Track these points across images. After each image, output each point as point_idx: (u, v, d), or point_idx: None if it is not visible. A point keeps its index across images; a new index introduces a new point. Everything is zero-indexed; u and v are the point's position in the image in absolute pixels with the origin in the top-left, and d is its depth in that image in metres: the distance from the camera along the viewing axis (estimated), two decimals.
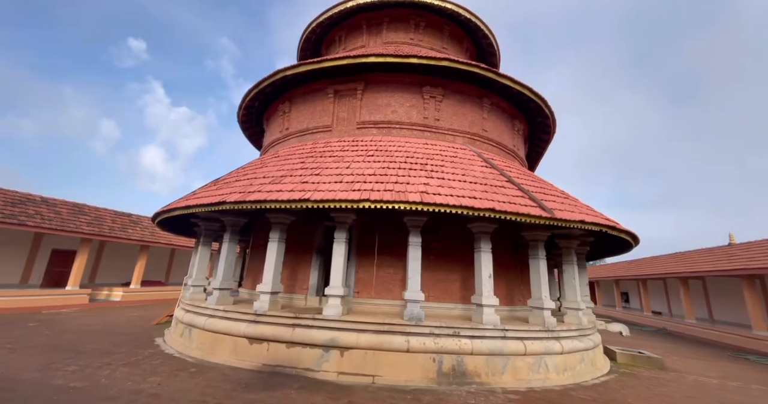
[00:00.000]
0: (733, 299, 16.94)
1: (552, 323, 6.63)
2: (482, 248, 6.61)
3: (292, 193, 6.03)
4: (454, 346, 5.81)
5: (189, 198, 7.34)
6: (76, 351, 6.79)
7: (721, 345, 14.10)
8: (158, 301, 18.36)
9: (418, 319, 5.97)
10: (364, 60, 8.58)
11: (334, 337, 5.90)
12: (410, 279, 6.28)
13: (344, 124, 9.43)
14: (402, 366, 5.66)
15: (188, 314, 7.65)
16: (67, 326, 9.83)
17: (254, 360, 6.14)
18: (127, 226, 18.22)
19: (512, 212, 5.56)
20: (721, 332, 15.18)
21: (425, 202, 5.46)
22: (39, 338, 8.03)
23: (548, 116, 11.22)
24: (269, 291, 6.67)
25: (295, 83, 10.07)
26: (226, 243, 7.67)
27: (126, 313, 13.27)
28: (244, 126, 12.87)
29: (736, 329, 14.82)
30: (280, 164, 7.78)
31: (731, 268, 14.44)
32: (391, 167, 6.88)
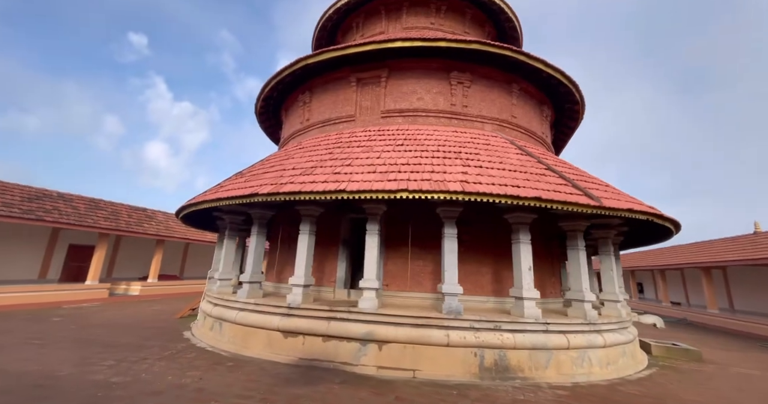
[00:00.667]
0: (756, 288, 16.64)
1: (594, 316, 6.45)
2: (521, 239, 6.42)
3: (325, 184, 5.88)
4: (496, 340, 5.67)
5: (217, 191, 7.25)
6: (108, 346, 6.81)
7: (748, 336, 13.89)
8: (175, 295, 18.59)
9: (457, 313, 5.84)
10: (390, 45, 8.32)
11: (371, 331, 5.80)
12: (447, 272, 6.13)
13: (368, 113, 9.21)
14: (442, 361, 5.55)
15: (217, 308, 7.63)
16: (91, 320, 9.93)
17: (290, 353, 6.09)
18: (143, 221, 18.37)
19: (560, 200, 5.35)
20: (746, 322, 14.89)
21: (467, 191, 5.26)
22: (66, 332, 8.10)
23: (578, 101, 10.86)
24: (302, 284, 6.60)
25: (315, 72, 9.85)
26: (254, 236, 7.59)
27: (147, 307, 13.42)
28: (261, 118, 12.73)
29: (762, 319, 14.52)
30: (308, 155, 7.63)
31: (760, 257, 14.06)
32: (424, 156, 6.68)
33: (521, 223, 6.52)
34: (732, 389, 6.05)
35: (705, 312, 17.86)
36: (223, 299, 7.61)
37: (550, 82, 10.06)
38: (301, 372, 5.48)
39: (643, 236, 9.74)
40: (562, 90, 10.52)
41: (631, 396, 5.15)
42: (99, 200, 17.69)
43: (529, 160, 7.04)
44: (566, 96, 10.80)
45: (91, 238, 16.59)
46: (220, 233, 9.90)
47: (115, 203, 18.35)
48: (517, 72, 9.57)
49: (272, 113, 12.71)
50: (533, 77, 9.83)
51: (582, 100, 10.86)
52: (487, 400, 4.60)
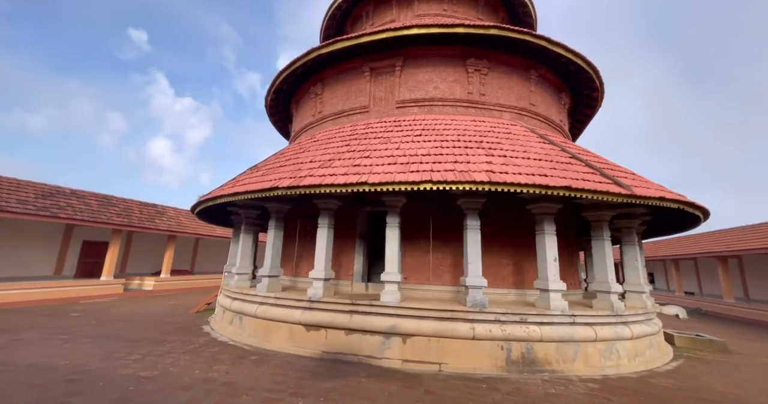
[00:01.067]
0: None
1: (620, 307, 6.34)
2: (546, 230, 6.30)
3: (346, 176, 5.80)
4: (522, 333, 5.60)
5: (234, 185, 7.21)
6: (130, 340, 6.88)
7: (766, 325, 13.65)
8: (187, 290, 18.81)
9: (482, 305, 5.77)
10: (406, 32, 8.12)
11: (395, 324, 5.76)
12: (470, 264, 6.05)
13: (382, 104, 9.06)
14: (468, 354, 5.51)
15: (236, 302, 7.66)
16: (110, 315, 10.07)
17: (313, 347, 6.09)
18: (155, 216, 18.52)
19: (590, 189, 5.21)
20: (765, 311, 14.72)
21: (494, 181, 5.14)
22: (87, 327, 8.21)
23: (597, 87, 10.58)
24: (322, 278, 6.58)
25: (327, 63, 9.69)
26: (272, 230, 7.57)
27: (162, 302, 13.58)
28: (271, 112, 12.63)
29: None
30: (323, 148, 7.54)
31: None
32: (445, 146, 6.55)
33: (546, 213, 6.39)
34: (765, 380, 5.94)
35: (721, 301, 17.73)
36: (242, 293, 7.64)
37: (569, 68, 9.79)
38: (326, 365, 5.48)
39: (664, 225, 9.55)
40: (580, 76, 10.25)
41: (665, 389, 5.06)
42: (111, 196, 17.85)
43: (553, 148, 6.87)
44: (585, 82, 10.52)
45: (103, 234, 16.78)
46: (236, 228, 9.92)
47: (127, 200, 18.52)
48: (535, 58, 9.31)
49: (282, 106, 12.60)
50: (552, 63, 9.58)
51: (602, 86, 10.57)
52: (518, 394, 4.55)
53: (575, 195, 5.27)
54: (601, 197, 5.34)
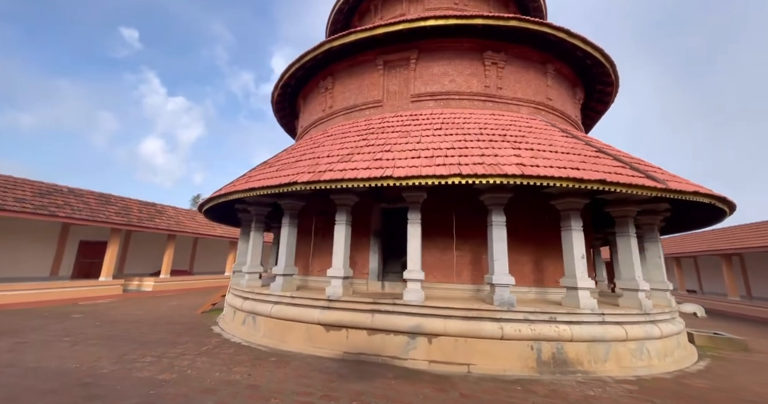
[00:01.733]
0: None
1: (649, 305, 6.21)
2: (573, 226, 6.16)
3: (369, 171, 5.62)
4: (552, 333, 5.45)
5: (247, 181, 7.01)
6: (140, 342, 6.66)
7: None
8: (187, 290, 18.53)
9: (509, 304, 5.62)
10: (423, 23, 7.96)
11: (420, 324, 5.60)
12: (496, 262, 5.90)
13: (396, 98, 8.89)
14: (497, 355, 5.35)
15: (248, 301, 7.46)
16: (113, 316, 9.82)
17: (333, 348, 5.91)
18: (154, 216, 18.21)
19: (625, 183, 5.06)
20: None
21: (526, 175, 4.99)
22: (92, 329, 7.98)
23: (612, 82, 10.48)
24: (341, 276, 6.40)
25: (339, 56, 9.50)
26: (285, 227, 7.37)
27: (163, 302, 13.32)
28: (277, 107, 12.42)
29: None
30: (339, 143, 7.36)
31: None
32: (469, 140, 6.40)
33: (572, 209, 6.25)
34: None
35: (725, 299, 17.72)
36: (254, 292, 7.44)
37: (585, 62, 9.68)
38: (349, 366, 5.30)
39: (680, 221, 9.45)
40: (596, 71, 10.14)
41: (703, 390, 4.93)
42: (109, 195, 17.52)
43: (577, 143, 6.73)
44: (600, 77, 10.41)
45: (101, 234, 16.49)
46: (244, 226, 9.71)
47: (126, 198, 18.20)
48: (552, 51, 9.19)
49: (288, 101, 12.40)
50: (568, 57, 9.46)
51: (617, 81, 10.47)
52: (556, 396, 4.40)
53: (608, 189, 5.12)
54: (635, 191, 5.20)
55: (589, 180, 5.00)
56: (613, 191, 5.18)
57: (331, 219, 8.40)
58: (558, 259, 7.76)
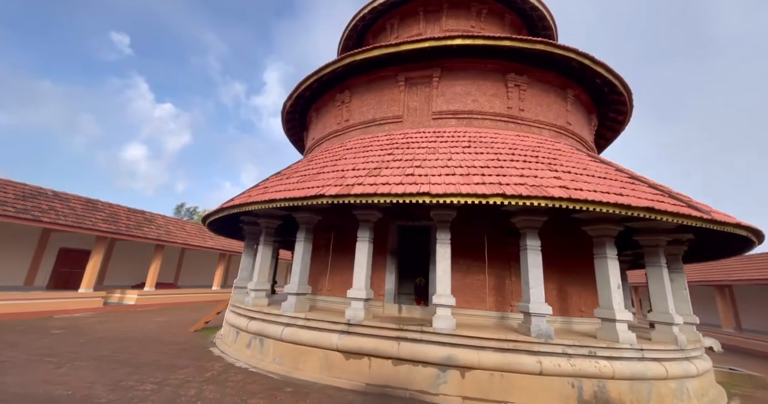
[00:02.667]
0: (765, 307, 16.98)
1: (684, 341, 5.97)
2: (608, 254, 5.96)
3: (402, 186, 5.37)
4: (593, 369, 5.13)
5: (265, 192, 6.67)
6: (134, 365, 6.05)
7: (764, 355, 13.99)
8: (173, 305, 17.58)
9: (547, 336, 5.30)
10: (450, 42, 7.97)
11: (452, 355, 5.21)
12: (532, 289, 5.61)
13: (416, 114, 8.79)
14: (535, 392, 4.98)
15: (254, 322, 6.94)
16: (97, 333, 9.07)
17: (353, 378, 5.44)
18: (143, 224, 17.45)
19: (673, 212, 4.92)
20: None
21: (573, 198, 4.81)
22: (77, 348, 7.29)
23: (625, 111, 10.67)
24: (363, 298, 6.01)
25: (358, 70, 9.44)
26: (301, 243, 6.99)
27: (150, 318, 12.49)
28: (288, 118, 12.21)
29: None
30: (362, 156, 7.14)
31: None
32: (502, 159, 6.24)
33: (606, 236, 6.07)
34: None
35: (719, 330, 17.74)
36: (261, 312, 6.94)
37: (602, 89, 9.85)
38: (374, 401, 4.84)
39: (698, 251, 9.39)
40: (610, 98, 10.31)
41: None
42: (96, 200, 16.76)
43: (608, 168, 6.66)
44: (614, 105, 10.59)
45: (84, 241, 15.64)
46: (249, 240, 9.24)
47: (113, 205, 17.42)
48: (572, 77, 9.32)
49: (298, 113, 12.22)
50: (586, 83, 9.60)
51: (631, 110, 10.66)
52: None
53: (655, 217, 4.96)
54: (680, 221, 5.06)
55: (636, 207, 4.84)
56: (654, 219, 5.03)
57: (343, 235, 8.09)
58: (581, 287, 7.56)
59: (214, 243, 20.93)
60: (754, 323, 17.62)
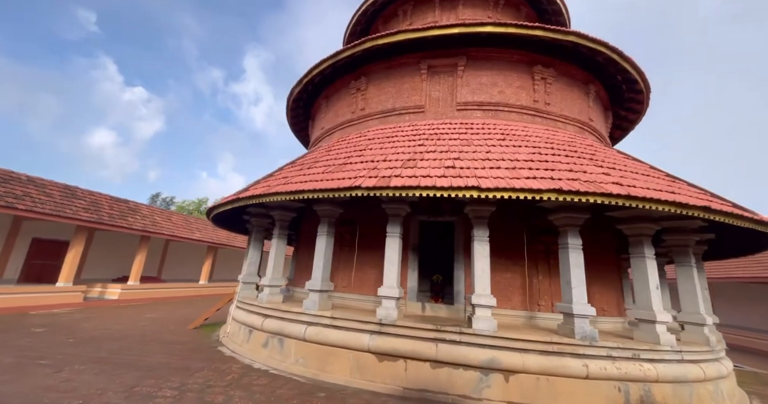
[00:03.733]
0: (743, 303, 17.34)
1: (713, 341, 5.98)
2: (646, 253, 5.86)
3: (446, 179, 5.08)
4: (638, 372, 5.03)
5: (287, 182, 6.23)
6: (142, 367, 5.57)
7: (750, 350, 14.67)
8: (158, 300, 16.79)
9: (592, 339, 5.16)
10: (480, 29, 7.67)
11: (494, 357, 5.00)
12: (575, 289, 5.46)
13: (439, 104, 8.48)
14: (582, 396, 4.84)
15: (271, 320, 6.55)
16: (86, 331, 8.45)
17: (388, 381, 5.16)
18: (127, 213, 16.50)
19: (727, 212, 4.83)
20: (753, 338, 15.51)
21: (631, 196, 4.62)
22: (70, 348, 6.71)
23: (640, 110, 10.69)
24: (395, 296, 5.71)
25: (376, 56, 9.01)
26: (323, 237, 6.61)
27: (137, 314, 11.80)
28: (294, 105, 11.64)
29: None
30: (390, 147, 6.79)
31: None
32: (543, 153, 6.03)
33: (643, 235, 5.97)
34: None
35: None
36: (279, 310, 6.55)
37: (621, 86, 9.80)
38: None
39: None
40: (626, 96, 10.30)
41: None
42: (75, 188, 15.68)
43: (642, 165, 6.57)
44: (627, 103, 10.58)
45: (59, 231, 14.68)
46: (256, 233, 8.75)
47: (94, 193, 16.37)
48: (594, 72, 9.21)
49: (307, 100, 11.67)
50: (607, 79, 9.51)
51: (645, 109, 10.69)
52: None
53: (711, 217, 4.86)
54: (730, 221, 4.98)
55: (694, 207, 4.72)
56: (692, 217, 4.93)
57: (363, 230, 7.73)
58: (602, 286, 7.52)
59: (202, 235, 20.13)
60: (730, 318, 18.21)
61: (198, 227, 20.94)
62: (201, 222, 22.27)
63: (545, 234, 6.85)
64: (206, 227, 21.89)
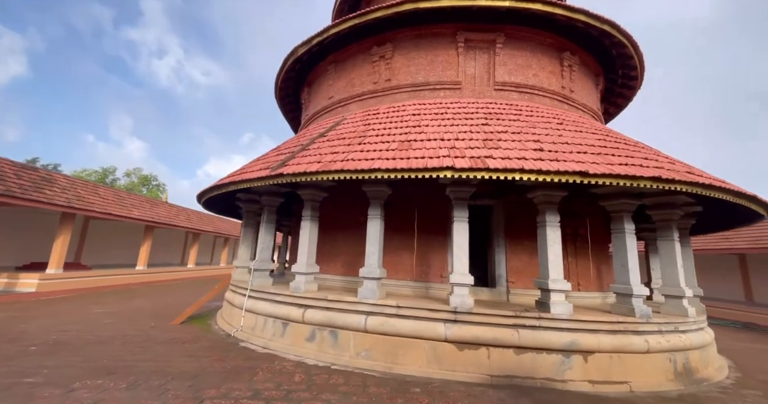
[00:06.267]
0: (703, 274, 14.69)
1: (693, 312, 6.93)
2: (674, 236, 6.62)
3: (557, 163, 5.01)
4: (681, 343, 5.75)
5: (348, 160, 5.58)
6: (182, 375, 4.71)
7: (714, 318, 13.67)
8: (85, 291, 14.29)
9: (647, 316, 5.71)
10: (529, 5, 7.52)
11: (574, 340, 5.26)
12: (631, 272, 5.94)
13: (474, 82, 8.28)
14: (646, 369, 5.38)
15: (313, 311, 6.08)
16: (37, 335, 6.91)
17: (471, 370, 5.14)
18: (42, 185, 13.54)
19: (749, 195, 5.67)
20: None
21: (716, 186, 5.12)
22: (44, 359, 5.42)
23: (624, 106, 11.81)
24: (468, 283, 5.61)
25: (405, 22, 8.38)
26: (376, 220, 6.16)
27: (79, 310, 9.95)
28: (290, 67, 10.34)
29: None
30: (451, 124, 6.52)
31: None
32: (608, 140, 6.29)
33: (671, 219, 6.71)
34: None
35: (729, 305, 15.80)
36: (326, 299, 6.02)
37: (616, 81, 10.65)
38: (515, 394, 4.65)
39: None
40: (617, 91, 11.27)
41: None
42: None
43: (658, 152, 7.25)
44: (614, 98, 11.59)
45: None
46: (269, 215, 7.80)
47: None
48: (605, 65, 9.83)
49: (305, 63, 10.42)
50: (611, 73, 10.24)
51: (628, 103, 11.82)
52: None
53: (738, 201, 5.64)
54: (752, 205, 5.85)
55: (746, 194, 5.41)
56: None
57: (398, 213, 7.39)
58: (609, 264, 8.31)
59: (141, 213, 17.52)
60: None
61: (133, 203, 18.14)
62: (135, 198, 19.34)
63: (570, 217, 7.28)
64: (143, 203, 19.06)
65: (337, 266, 7.92)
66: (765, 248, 13.99)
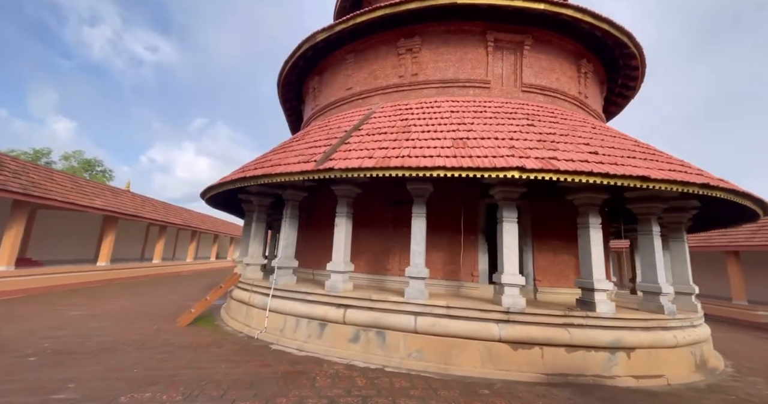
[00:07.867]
0: None
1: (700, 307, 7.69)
2: (684, 237, 7.23)
3: (614, 167, 5.20)
4: (697, 336, 6.30)
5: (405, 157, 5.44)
6: (239, 384, 4.37)
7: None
8: (40, 291, 12.85)
9: (673, 313, 6.16)
10: (561, 10, 7.71)
11: (619, 337, 5.56)
12: (659, 270, 6.37)
13: (503, 82, 8.39)
14: (675, 362, 5.82)
15: (355, 311, 5.95)
16: (25, 342, 6.09)
17: (525, 369, 5.26)
18: None
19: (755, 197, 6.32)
20: None
21: (729, 189, 5.60)
22: (55, 372, 4.80)
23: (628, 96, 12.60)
24: (519, 284, 5.74)
25: (434, 16, 8.30)
26: (419, 219, 6.09)
27: (53, 313, 8.96)
28: (301, 54, 9.83)
29: None
30: (496, 123, 6.55)
31: None
32: (642, 145, 6.68)
33: (680, 222, 7.33)
34: None
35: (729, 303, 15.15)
36: (369, 299, 5.87)
37: (614, 89, 11.35)
38: (575, 392, 4.83)
39: None
40: (613, 100, 12.01)
41: None
42: None
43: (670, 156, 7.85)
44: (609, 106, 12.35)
45: None
46: (292, 210, 7.42)
47: None
48: (611, 73, 10.41)
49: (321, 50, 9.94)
50: (614, 80, 10.87)
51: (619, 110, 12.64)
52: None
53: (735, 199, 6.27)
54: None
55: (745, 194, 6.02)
56: None
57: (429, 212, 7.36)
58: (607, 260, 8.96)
59: (104, 203, 16.01)
60: None
61: (94, 191, 16.51)
62: (94, 185, 17.63)
63: None
64: (104, 191, 17.39)
65: (361, 263, 7.74)
66: None
